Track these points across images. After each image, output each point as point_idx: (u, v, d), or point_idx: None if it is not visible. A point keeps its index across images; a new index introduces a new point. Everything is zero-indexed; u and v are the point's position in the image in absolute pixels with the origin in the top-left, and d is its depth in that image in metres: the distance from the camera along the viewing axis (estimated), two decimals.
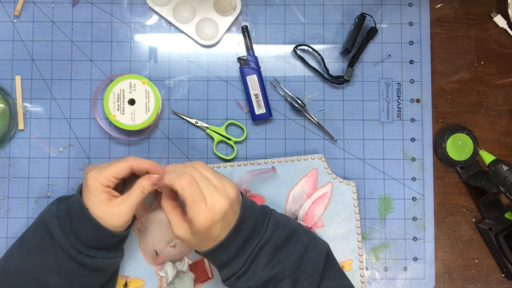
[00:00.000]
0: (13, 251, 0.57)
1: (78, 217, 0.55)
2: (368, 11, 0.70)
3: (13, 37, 0.69)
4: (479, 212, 0.70)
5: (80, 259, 0.54)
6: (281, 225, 0.56)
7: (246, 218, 0.54)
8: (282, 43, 0.70)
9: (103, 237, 0.55)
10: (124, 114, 0.65)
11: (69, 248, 0.54)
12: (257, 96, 0.67)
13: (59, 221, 0.55)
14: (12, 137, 0.68)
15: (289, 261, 0.54)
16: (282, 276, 0.53)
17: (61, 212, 0.56)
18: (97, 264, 0.55)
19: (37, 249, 0.55)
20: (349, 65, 0.69)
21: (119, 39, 0.69)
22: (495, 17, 0.70)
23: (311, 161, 0.67)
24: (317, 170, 0.67)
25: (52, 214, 0.56)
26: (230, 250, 0.53)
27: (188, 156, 0.68)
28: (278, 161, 0.67)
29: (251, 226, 0.54)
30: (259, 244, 0.53)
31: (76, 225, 0.55)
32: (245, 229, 0.54)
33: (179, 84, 0.69)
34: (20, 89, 0.68)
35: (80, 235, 0.55)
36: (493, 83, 0.71)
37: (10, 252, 0.58)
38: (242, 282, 0.53)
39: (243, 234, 0.53)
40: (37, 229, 0.57)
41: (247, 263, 0.53)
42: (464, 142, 0.69)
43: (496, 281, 0.69)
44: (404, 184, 0.69)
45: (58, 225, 0.55)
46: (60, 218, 0.55)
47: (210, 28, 0.69)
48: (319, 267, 0.55)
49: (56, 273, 0.54)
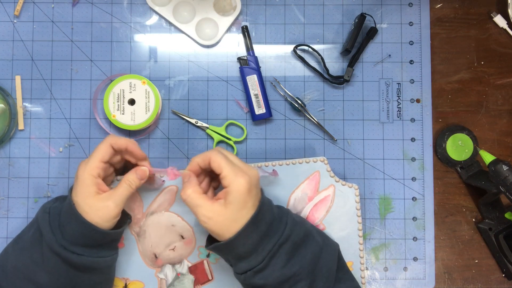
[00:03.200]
0: (9, 248, 0.58)
1: (65, 214, 0.55)
2: (368, 11, 0.70)
3: (13, 37, 0.69)
4: (479, 212, 0.70)
5: (64, 255, 0.53)
6: (298, 224, 0.56)
7: (263, 212, 0.54)
8: (282, 43, 0.70)
9: (89, 234, 0.54)
10: (124, 114, 0.65)
11: (54, 244, 0.53)
12: (257, 96, 0.67)
13: (49, 217, 0.55)
14: (12, 137, 0.68)
15: (306, 261, 0.54)
16: (299, 277, 0.53)
17: (54, 209, 0.56)
18: (83, 262, 0.54)
19: (29, 245, 0.55)
20: (349, 65, 0.69)
21: (119, 39, 0.69)
22: (495, 17, 0.70)
23: (313, 163, 0.66)
24: (319, 172, 0.67)
25: (44, 210, 0.56)
26: (248, 242, 0.52)
27: (188, 156, 0.68)
28: (279, 164, 0.66)
29: (269, 221, 0.54)
30: (279, 241, 0.53)
31: (63, 221, 0.54)
32: (263, 223, 0.53)
33: (179, 84, 0.69)
34: (20, 89, 0.68)
35: (66, 231, 0.54)
36: (493, 83, 0.71)
37: (6, 249, 0.58)
38: (258, 278, 0.53)
39: (261, 228, 0.53)
40: (31, 225, 0.57)
41: (265, 259, 0.53)
42: (464, 142, 0.69)
43: (496, 281, 0.69)
44: (404, 184, 0.69)
45: (47, 220, 0.55)
46: (51, 215, 0.55)
47: (210, 28, 0.69)
48: (333, 269, 0.55)
49: (43, 269, 0.54)
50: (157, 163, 0.68)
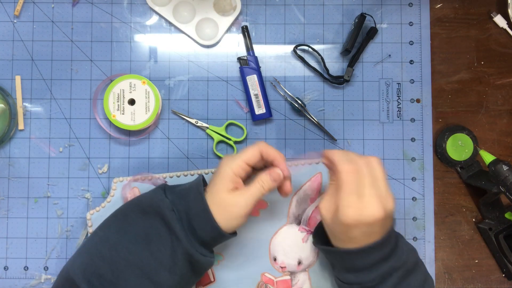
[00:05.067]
0: (110, 235, 0.53)
1: (197, 215, 0.52)
2: (368, 11, 0.70)
3: (13, 37, 0.69)
4: (479, 212, 0.70)
5: (196, 257, 0.52)
6: (411, 251, 0.55)
7: (391, 236, 0.52)
8: (282, 43, 0.70)
9: (218, 238, 0.53)
10: (124, 114, 0.65)
11: (189, 247, 0.51)
12: (257, 96, 0.67)
13: (176, 215, 0.52)
14: (12, 137, 0.68)
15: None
16: None
17: (178, 205, 0.53)
18: (206, 263, 0.53)
19: (148, 240, 0.52)
20: (349, 65, 0.69)
21: (119, 39, 0.69)
22: (495, 17, 0.70)
23: (315, 165, 0.67)
24: (321, 174, 0.67)
25: (167, 206, 0.53)
26: (368, 260, 0.51)
27: (188, 156, 0.68)
28: None
29: (392, 245, 0.53)
30: (395, 265, 0.52)
31: (194, 223, 0.52)
32: (388, 246, 0.52)
33: (179, 84, 0.69)
34: (20, 89, 0.68)
35: (198, 233, 0.52)
36: (493, 83, 0.71)
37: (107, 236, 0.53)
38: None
39: (384, 251, 0.51)
40: (146, 216, 0.53)
41: (377, 279, 0.51)
42: (464, 142, 0.69)
43: (496, 281, 0.69)
44: (404, 184, 0.69)
45: (176, 219, 0.52)
46: (178, 212, 0.53)
47: (210, 28, 0.69)
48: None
49: (166, 268, 0.51)
50: (157, 163, 0.68)
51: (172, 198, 0.54)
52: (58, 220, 0.67)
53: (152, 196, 0.55)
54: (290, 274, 0.66)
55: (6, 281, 0.67)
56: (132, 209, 0.55)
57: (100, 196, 0.68)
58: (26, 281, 0.67)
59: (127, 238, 0.52)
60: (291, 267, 0.66)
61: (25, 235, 0.67)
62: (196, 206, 0.53)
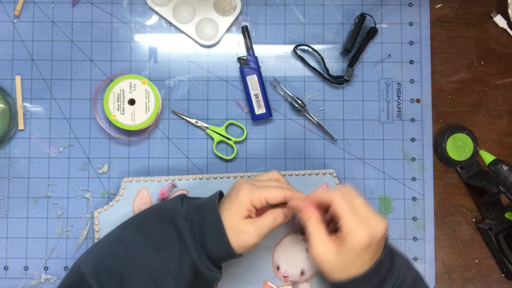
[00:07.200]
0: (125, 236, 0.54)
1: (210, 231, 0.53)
2: (368, 11, 0.70)
3: (13, 37, 0.69)
4: (479, 212, 0.70)
5: (203, 271, 0.52)
6: (408, 268, 0.54)
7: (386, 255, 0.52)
8: (282, 43, 0.70)
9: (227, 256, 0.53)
10: (124, 114, 0.65)
11: (197, 260, 0.52)
12: (257, 96, 0.67)
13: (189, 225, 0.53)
14: (12, 137, 0.68)
15: None
16: None
17: (192, 216, 0.54)
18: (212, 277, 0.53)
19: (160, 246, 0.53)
20: (349, 65, 0.69)
21: (119, 39, 0.69)
22: (495, 17, 0.70)
23: (322, 176, 0.66)
24: (327, 185, 0.67)
25: (180, 214, 0.53)
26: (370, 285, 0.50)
27: (188, 156, 0.68)
28: (289, 174, 0.66)
29: (388, 264, 0.52)
30: (395, 284, 0.50)
31: (207, 237, 0.52)
32: (385, 265, 0.51)
33: (179, 84, 0.69)
34: (20, 89, 0.68)
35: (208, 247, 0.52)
36: (493, 83, 0.71)
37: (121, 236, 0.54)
38: None
39: (383, 272, 0.51)
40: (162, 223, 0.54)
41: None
42: (464, 142, 0.69)
43: (496, 281, 0.69)
44: (404, 184, 0.69)
45: (188, 229, 0.52)
46: (191, 223, 0.53)
47: (210, 28, 0.69)
48: None
49: (172, 276, 0.52)
50: (157, 163, 0.68)
51: (187, 208, 0.55)
52: (58, 220, 0.67)
53: (170, 204, 0.56)
54: (292, 284, 0.65)
55: (6, 281, 0.67)
56: (151, 214, 0.56)
57: (100, 196, 0.68)
58: (26, 281, 0.67)
59: (141, 241, 0.53)
60: (294, 276, 0.65)
61: (25, 235, 0.67)
62: (210, 218, 0.53)
